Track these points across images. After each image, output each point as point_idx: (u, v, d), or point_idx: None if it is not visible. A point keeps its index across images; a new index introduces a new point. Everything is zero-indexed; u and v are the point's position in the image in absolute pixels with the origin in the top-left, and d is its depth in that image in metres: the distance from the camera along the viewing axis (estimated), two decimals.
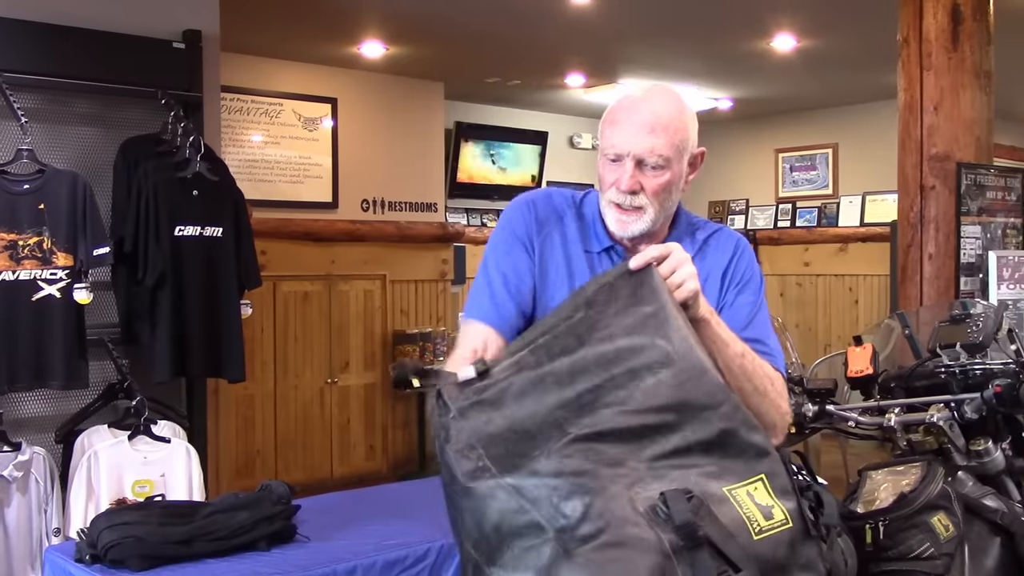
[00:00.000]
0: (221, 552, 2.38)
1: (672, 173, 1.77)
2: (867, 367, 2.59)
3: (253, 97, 6.66)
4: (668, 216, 1.84)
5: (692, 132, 1.81)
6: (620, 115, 1.80)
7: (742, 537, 1.41)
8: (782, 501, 1.47)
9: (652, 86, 1.87)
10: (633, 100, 1.82)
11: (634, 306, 1.58)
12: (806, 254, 8.93)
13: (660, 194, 1.77)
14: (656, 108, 1.78)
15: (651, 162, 1.76)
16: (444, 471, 1.48)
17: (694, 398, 1.50)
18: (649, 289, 1.60)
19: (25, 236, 3.49)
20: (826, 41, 6.31)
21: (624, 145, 1.77)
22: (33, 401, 3.64)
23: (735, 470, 1.47)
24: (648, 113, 1.77)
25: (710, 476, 1.45)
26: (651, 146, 1.75)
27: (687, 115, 1.81)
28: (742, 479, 1.47)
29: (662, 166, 1.76)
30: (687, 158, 1.80)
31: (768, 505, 1.46)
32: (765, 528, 1.43)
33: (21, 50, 3.66)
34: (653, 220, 1.79)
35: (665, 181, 1.77)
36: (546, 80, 7.55)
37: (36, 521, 3.42)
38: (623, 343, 1.53)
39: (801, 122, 9.03)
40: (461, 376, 1.53)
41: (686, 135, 1.79)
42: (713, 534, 1.37)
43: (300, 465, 6.53)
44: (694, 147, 1.82)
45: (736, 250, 1.89)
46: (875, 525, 2.05)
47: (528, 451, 1.42)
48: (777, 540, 1.44)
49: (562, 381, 1.49)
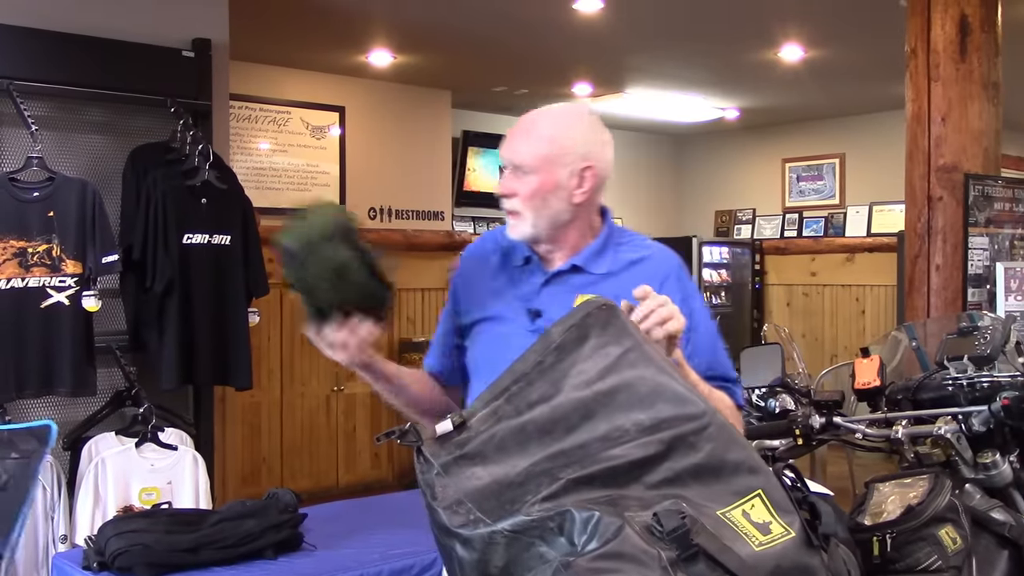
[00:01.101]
0: (228, 560, 2.39)
1: (541, 180, 1.85)
2: (874, 379, 2.59)
3: (261, 105, 6.69)
4: (555, 223, 1.89)
5: (573, 145, 1.87)
6: (508, 132, 1.93)
7: (742, 550, 1.40)
8: (780, 514, 1.47)
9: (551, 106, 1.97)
10: (520, 119, 1.94)
11: (604, 347, 1.59)
12: (813, 264, 8.92)
13: (532, 199, 1.86)
14: (531, 119, 1.91)
15: (519, 168, 1.87)
16: (435, 526, 1.47)
17: (679, 427, 1.49)
18: (616, 328, 1.61)
19: (34, 243, 3.51)
20: (833, 51, 6.32)
21: (502, 154, 1.91)
22: (41, 408, 3.65)
23: (728, 491, 1.47)
24: (521, 124, 1.90)
25: (703, 501, 1.44)
26: (516, 151, 1.87)
27: (569, 129, 1.89)
28: (737, 498, 1.47)
29: (528, 172, 1.86)
30: (564, 170, 1.86)
31: (766, 521, 1.45)
32: (765, 542, 1.43)
33: (32, 58, 3.69)
34: (533, 224, 1.87)
35: (533, 187, 1.86)
36: (553, 89, 7.56)
37: (43, 528, 3.43)
38: (599, 386, 1.53)
39: (808, 132, 9.03)
40: (439, 430, 1.52)
41: (562, 146, 1.86)
42: (709, 546, 1.37)
43: (306, 473, 6.53)
44: (579, 161, 1.87)
45: (670, 274, 1.92)
46: (882, 537, 2.05)
47: (519, 497, 1.42)
48: (778, 551, 1.44)
49: (544, 429, 1.49)
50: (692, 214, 9.85)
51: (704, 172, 9.89)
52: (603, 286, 1.87)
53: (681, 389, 1.56)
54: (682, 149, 10.01)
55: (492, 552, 1.39)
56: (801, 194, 9.16)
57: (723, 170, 9.75)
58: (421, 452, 1.51)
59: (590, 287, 1.88)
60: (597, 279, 1.91)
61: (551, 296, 1.91)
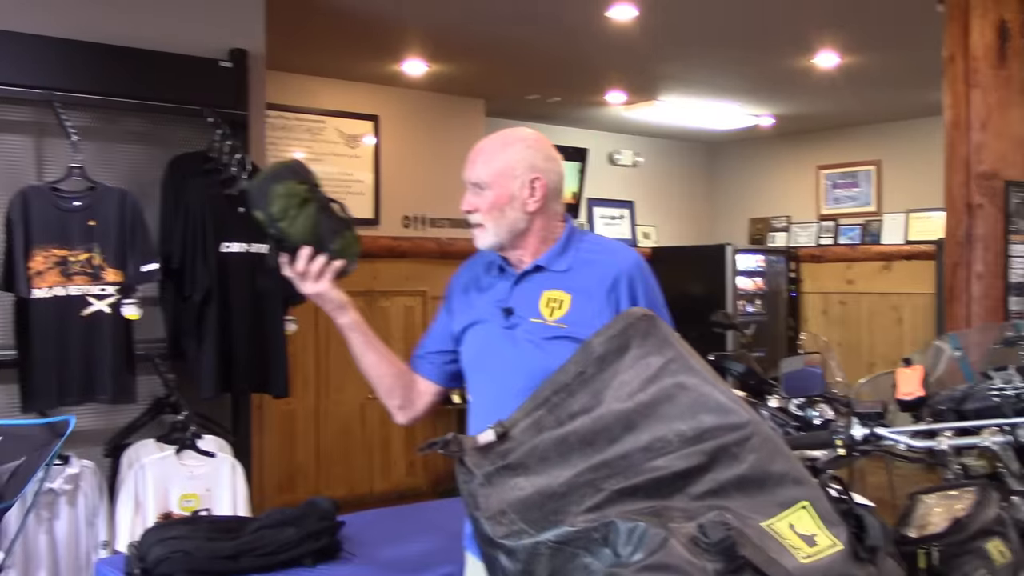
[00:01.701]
0: (267, 568, 2.40)
1: (496, 194, 2.13)
2: (917, 389, 2.56)
3: (296, 115, 6.74)
4: (514, 230, 2.14)
5: (516, 161, 2.14)
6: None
7: (788, 563, 1.39)
8: (827, 526, 1.45)
9: (501, 131, 2.24)
10: (477, 143, 2.22)
11: (645, 357, 1.59)
12: (849, 272, 8.83)
13: (491, 211, 2.14)
14: (481, 144, 2.20)
15: (477, 185, 2.15)
16: (479, 535, 1.49)
17: (722, 437, 1.49)
18: (657, 339, 1.61)
19: (76, 252, 3.55)
20: (870, 58, 6.27)
21: (464, 176, 2.18)
22: (82, 415, 3.68)
23: (773, 502, 1.46)
24: (474, 150, 2.19)
25: (747, 512, 1.43)
26: (473, 171, 2.16)
27: (510, 148, 2.16)
28: (782, 510, 1.45)
29: (484, 187, 2.14)
30: (515, 182, 2.13)
31: (812, 533, 1.44)
32: (811, 554, 1.42)
33: (73, 70, 3.74)
34: (495, 234, 2.14)
35: (491, 200, 2.13)
36: (586, 97, 7.56)
37: (85, 534, 3.46)
38: (641, 397, 1.54)
39: (844, 139, 8.96)
40: (481, 440, 1.54)
41: (506, 163, 2.13)
42: (755, 558, 1.36)
43: (341, 481, 6.55)
44: (527, 172, 2.13)
45: (621, 274, 2.11)
46: (928, 550, 2.02)
47: (563, 507, 1.42)
48: (825, 564, 1.42)
49: (586, 440, 1.50)
50: (726, 222, 9.80)
51: (738, 180, 9.84)
52: (562, 280, 2.13)
53: (724, 399, 1.55)
54: (716, 156, 9.96)
55: (536, 563, 1.39)
56: (837, 201, 9.08)
57: (757, 177, 9.69)
58: (463, 462, 1.52)
59: (551, 283, 2.13)
60: (558, 275, 2.15)
61: (520, 294, 2.16)
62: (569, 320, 2.08)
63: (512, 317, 2.14)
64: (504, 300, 2.17)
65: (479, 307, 2.22)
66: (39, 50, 3.68)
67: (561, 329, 2.07)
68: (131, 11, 3.98)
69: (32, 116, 3.71)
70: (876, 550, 1.50)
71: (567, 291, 2.11)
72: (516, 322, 2.13)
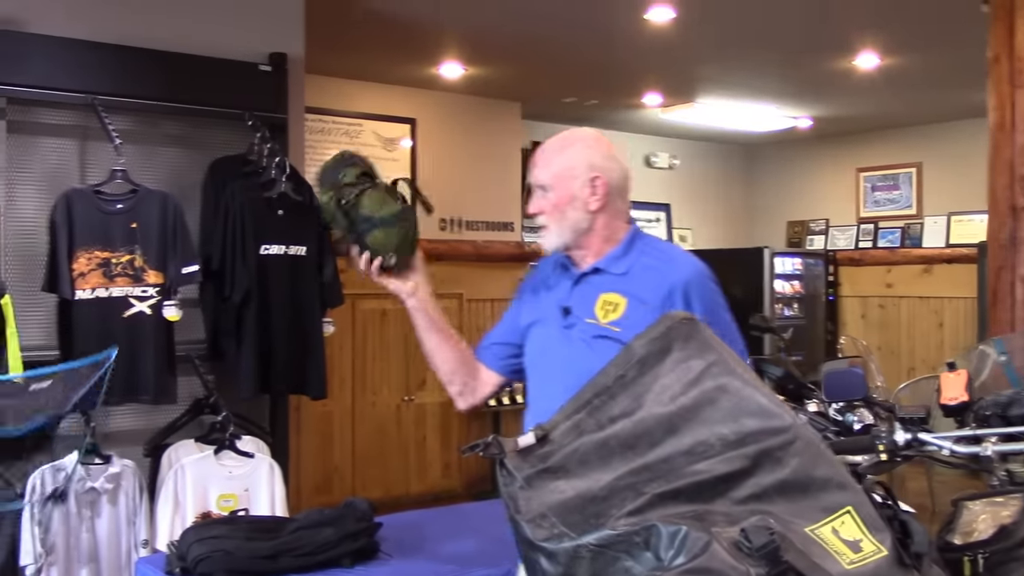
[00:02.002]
0: (306, 568, 2.41)
1: (558, 195, 2.16)
2: (962, 394, 2.52)
3: (334, 118, 6.78)
4: (577, 230, 2.17)
5: (576, 161, 2.16)
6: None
7: (832, 568, 1.37)
8: (872, 532, 1.43)
9: (561, 132, 2.27)
10: (539, 146, 2.26)
11: (687, 360, 1.58)
12: (888, 275, 8.73)
13: (553, 213, 2.17)
14: (542, 147, 2.24)
15: (541, 187, 2.19)
16: (518, 538, 1.48)
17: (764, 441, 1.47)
18: (699, 342, 1.60)
19: (118, 254, 3.60)
20: (911, 59, 6.20)
21: (529, 179, 2.24)
22: (123, 415, 3.73)
23: (816, 507, 1.44)
24: (536, 153, 2.23)
25: (790, 517, 1.42)
26: (535, 175, 2.21)
27: (568, 148, 2.19)
28: (826, 515, 1.44)
29: (547, 188, 2.18)
30: (576, 183, 2.15)
31: (856, 539, 1.42)
32: (856, 560, 1.40)
33: (115, 74, 3.78)
34: (559, 234, 2.18)
35: (553, 202, 2.17)
36: (623, 99, 7.54)
37: (125, 533, 3.50)
38: (683, 401, 1.53)
39: (884, 141, 8.86)
40: (521, 443, 1.54)
41: (565, 164, 2.17)
42: (799, 563, 1.34)
43: (377, 482, 6.58)
44: (587, 172, 2.15)
45: (677, 285, 2.10)
46: (974, 557, 1.99)
47: (604, 511, 1.41)
48: (870, 570, 1.40)
49: (627, 444, 1.49)
50: (764, 225, 9.72)
51: (776, 182, 9.77)
52: (619, 284, 2.14)
53: (766, 402, 1.54)
54: (753, 159, 9.89)
55: (577, 566, 1.38)
56: (876, 204, 8.98)
57: (795, 180, 9.62)
58: (504, 465, 1.51)
59: (609, 285, 2.15)
60: (616, 278, 2.16)
61: (578, 295, 2.18)
62: (622, 324, 2.08)
63: (569, 317, 2.16)
64: (564, 300, 2.19)
65: (543, 306, 2.25)
66: (82, 55, 3.73)
67: (613, 332, 2.07)
68: (173, 16, 4.02)
69: (75, 120, 3.76)
70: (922, 557, 1.47)
71: (623, 295, 2.12)
72: (573, 322, 2.14)
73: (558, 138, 2.24)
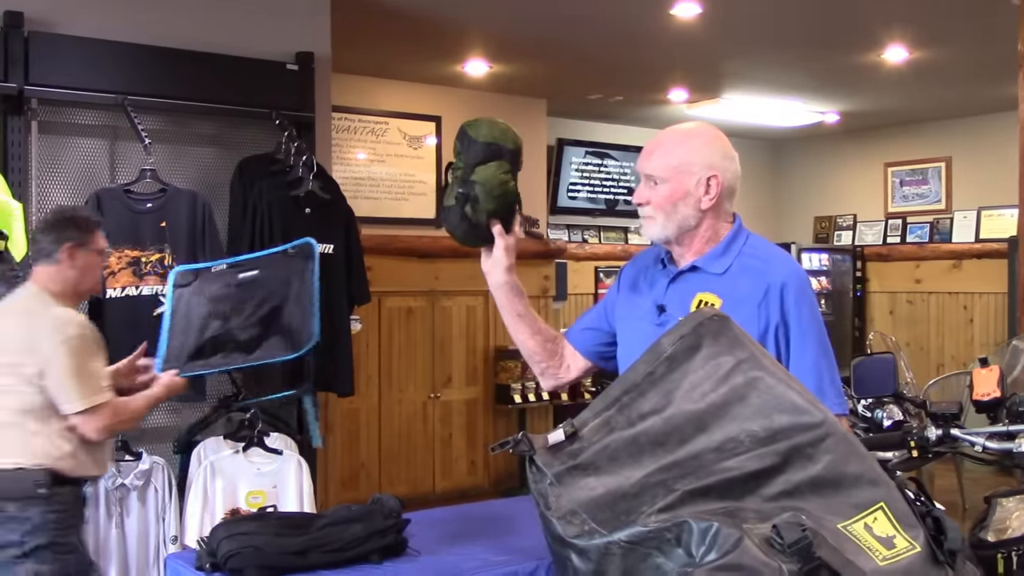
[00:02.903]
0: (335, 564, 2.41)
1: (671, 188, 2.08)
2: (995, 390, 2.49)
3: (360, 116, 6.80)
4: (684, 227, 2.10)
5: (696, 157, 2.09)
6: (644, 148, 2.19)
7: (866, 564, 1.36)
8: (905, 528, 1.42)
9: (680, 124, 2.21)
10: (656, 135, 2.18)
11: (716, 357, 1.56)
12: (917, 271, 8.66)
13: (663, 206, 2.09)
14: (660, 135, 2.16)
15: (652, 177, 2.11)
16: (549, 535, 1.48)
17: (795, 437, 1.46)
18: (729, 339, 1.59)
19: (147, 253, 3.63)
20: (940, 52, 6.13)
21: (638, 167, 2.16)
22: (154, 412, 3.75)
23: (848, 503, 1.43)
24: (651, 142, 2.15)
25: (822, 513, 1.41)
26: (649, 164, 2.12)
27: (690, 143, 2.12)
28: (858, 511, 1.42)
29: (660, 181, 2.10)
30: (692, 179, 2.08)
31: (889, 535, 1.41)
32: (889, 556, 1.39)
33: (144, 74, 3.82)
34: (663, 227, 2.10)
35: (665, 195, 2.09)
36: (648, 96, 7.51)
37: (155, 529, 3.53)
38: (712, 398, 1.52)
39: (912, 135, 8.78)
40: (551, 439, 1.53)
41: (685, 158, 2.09)
42: (832, 559, 1.33)
43: (403, 479, 6.60)
44: (704, 170, 2.08)
45: (772, 287, 2.03)
46: (1007, 554, 1.97)
47: (635, 508, 1.41)
48: (904, 567, 1.39)
49: (657, 441, 1.48)
50: (791, 220, 9.66)
51: (803, 177, 9.70)
52: (717, 283, 2.07)
53: (798, 399, 1.53)
54: (780, 154, 9.83)
55: (608, 563, 1.38)
56: (905, 199, 8.90)
57: (822, 175, 9.55)
58: (534, 462, 1.51)
59: (706, 284, 2.08)
60: (713, 278, 2.09)
61: (674, 292, 2.12)
62: None
63: (663, 315, 2.11)
64: (659, 298, 2.15)
65: (638, 302, 2.21)
66: (112, 55, 3.76)
67: None
68: (200, 17, 4.05)
69: (105, 120, 3.80)
70: (955, 554, 1.46)
71: (719, 296, 2.06)
72: (666, 320, 2.07)
73: (678, 130, 2.17)
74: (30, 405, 2.76)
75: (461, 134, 2.15)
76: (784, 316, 2.01)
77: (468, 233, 2.16)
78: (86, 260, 2.87)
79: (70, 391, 2.75)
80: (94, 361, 2.81)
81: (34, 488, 2.71)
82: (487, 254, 2.21)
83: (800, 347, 2.02)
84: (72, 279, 2.87)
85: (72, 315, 2.84)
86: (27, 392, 2.76)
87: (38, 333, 2.78)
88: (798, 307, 2.03)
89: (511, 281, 2.22)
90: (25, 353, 2.77)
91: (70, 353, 2.75)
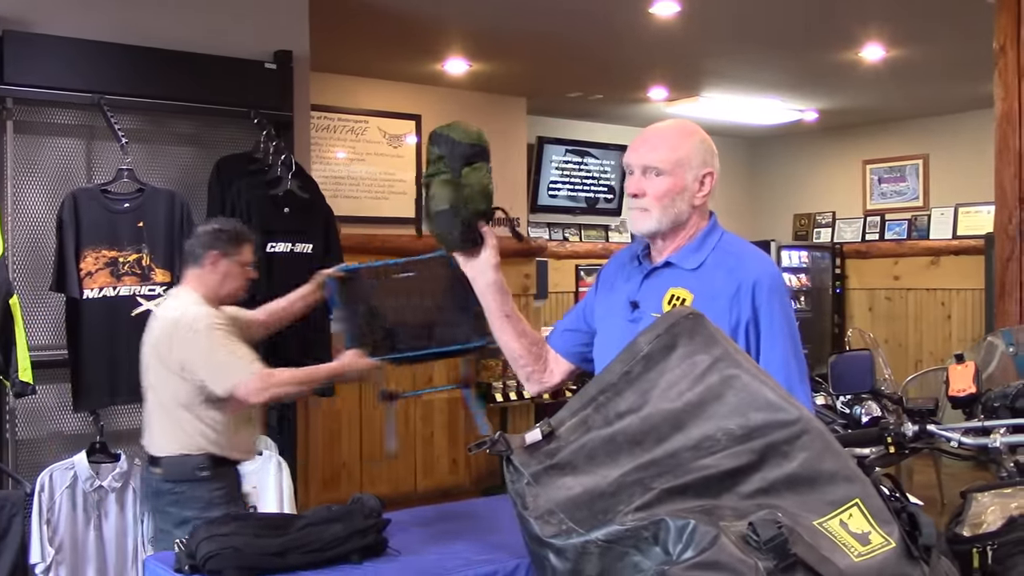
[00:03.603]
0: (315, 564, 2.41)
1: (672, 181, 2.09)
2: (970, 386, 2.51)
3: (339, 115, 6.78)
4: (676, 222, 2.11)
5: (695, 153, 2.11)
6: (634, 141, 2.18)
7: (841, 561, 1.37)
8: (880, 525, 1.43)
9: (672, 120, 2.23)
10: (645, 129, 2.19)
11: (692, 356, 1.57)
12: (896, 267, 8.72)
13: (662, 199, 2.10)
14: (657, 129, 2.17)
15: (651, 169, 2.09)
16: (527, 535, 1.48)
17: (771, 435, 1.47)
18: (704, 337, 1.59)
19: (125, 253, 3.61)
20: (917, 51, 6.18)
21: (632, 159, 2.14)
22: (131, 414, 3.74)
23: (824, 500, 1.44)
24: (650, 133, 2.16)
25: (798, 510, 1.41)
26: (650, 156, 2.10)
27: (690, 138, 2.13)
28: (834, 508, 1.43)
29: (661, 173, 2.09)
30: (690, 174, 2.10)
31: (865, 532, 1.42)
32: (864, 552, 1.40)
33: (121, 73, 3.79)
34: (658, 220, 2.10)
35: (666, 188, 2.09)
36: (628, 94, 7.53)
37: (132, 530, 3.51)
38: (688, 396, 1.53)
39: (890, 133, 8.84)
40: (528, 439, 1.53)
41: (686, 153, 2.10)
42: (807, 556, 1.34)
43: (384, 478, 6.58)
44: (700, 167, 2.11)
45: (743, 285, 2.04)
46: (983, 549, 1.98)
47: (612, 506, 1.41)
48: (879, 563, 1.40)
49: (634, 440, 1.49)
50: (770, 218, 9.71)
51: (782, 175, 9.75)
52: (689, 279, 2.09)
53: (773, 396, 1.54)
54: (759, 152, 9.88)
55: (585, 562, 1.38)
56: (883, 196, 8.96)
57: (801, 173, 9.60)
58: (511, 461, 1.51)
59: (678, 280, 2.10)
60: (686, 273, 2.11)
61: (648, 288, 2.14)
62: None
63: (636, 311, 2.12)
64: (632, 294, 2.16)
65: (613, 299, 2.22)
66: (88, 54, 3.74)
67: None
68: (177, 15, 4.03)
69: (82, 119, 3.78)
70: (930, 549, 1.47)
71: (691, 291, 2.08)
72: (639, 316, 2.10)
73: (675, 125, 2.19)
74: (183, 397, 2.99)
75: (440, 139, 2.18)
76: (755, 313, 2.02)
77: (462, 236, 2.13)
78: (228, 268, 3.11)
79: (219, 370, 2.95)
80: (234, 344, 3.00)
81: (195, 472, 2.99)
82: (471, 256, 2.16)
83: (770, 344, 2.03)
84: (213, 284, 3.09)
85: (207, 310, 3.03)
86: (177, 384, 2.98)
87: (180, 328, 2.98)
88: (770, 305, 2.04)
89: (499, 280, 2.20)
90: (170, 347, 2.98)
91: (210, 340, 2.95)
